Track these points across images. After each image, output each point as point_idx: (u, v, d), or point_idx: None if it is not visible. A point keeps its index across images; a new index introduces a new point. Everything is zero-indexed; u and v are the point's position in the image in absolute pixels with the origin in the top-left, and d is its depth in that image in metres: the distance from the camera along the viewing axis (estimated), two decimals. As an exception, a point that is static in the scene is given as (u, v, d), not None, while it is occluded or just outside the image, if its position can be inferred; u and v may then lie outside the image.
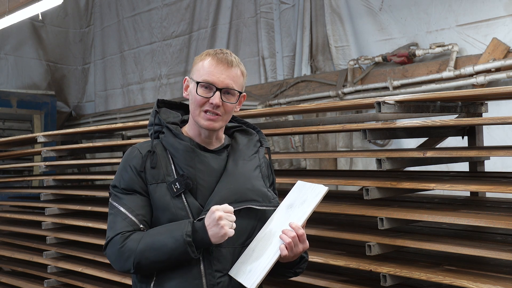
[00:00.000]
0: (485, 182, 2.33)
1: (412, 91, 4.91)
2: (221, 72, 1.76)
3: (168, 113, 1.92)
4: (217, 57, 1.78)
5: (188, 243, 1.64)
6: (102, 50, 9.29)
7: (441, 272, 2.17)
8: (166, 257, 1.67)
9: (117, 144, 3.96)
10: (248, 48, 6.88)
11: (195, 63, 1.83)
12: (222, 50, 1.81)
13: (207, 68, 1.77)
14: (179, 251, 1.65)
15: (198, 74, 1.79)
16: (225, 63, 1.77)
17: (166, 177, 1.76)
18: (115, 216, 1.76)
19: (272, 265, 1.66)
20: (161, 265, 1.70)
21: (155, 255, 1.67)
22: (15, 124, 8.30)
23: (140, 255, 1.67)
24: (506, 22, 4.56)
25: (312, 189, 1.73)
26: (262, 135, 1.97)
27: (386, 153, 2.40)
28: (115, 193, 1.81)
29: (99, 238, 3.61)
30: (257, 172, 1.85)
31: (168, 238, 1.67)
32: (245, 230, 1.78)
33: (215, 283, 1.73)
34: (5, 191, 5.37)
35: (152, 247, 1.67)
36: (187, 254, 1.66)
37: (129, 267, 1.70)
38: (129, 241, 1.70)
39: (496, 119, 2.03)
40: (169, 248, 1.66)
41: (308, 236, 1.75)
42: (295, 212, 1.71)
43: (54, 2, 4.61)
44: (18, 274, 4.58)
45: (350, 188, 4.12)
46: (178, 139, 1.81)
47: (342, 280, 2.48)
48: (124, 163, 1.83)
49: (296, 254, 1.70)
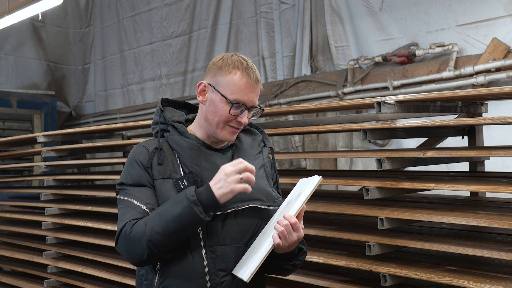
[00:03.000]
0: (485, 182, 2.33)
1: (412, 91, 4.91)
2: (252, 91, 1.77)
3: (172, 112, 1.92)
4: (247, 73, 1.76)
5: (194, 201, 1.61)
6: (102, 50, 9.29)
7: (441, 272, 2.17)
8: (175, 225, 1.63)
9: (117, 144, 3.96)
10: (248, 48, 6.88)
11: (221, 73, 1.77)
12: (247, 62, 1.79)
13: (239, 85, 1.75)
14: (186, 214, 1.62)
15: (229, 91, 1.75)
16: (255, 81, 1.77)
17: (173, 173, 1.76)
18: (124, 209, 1.75)
19: (266, 254, 1.65)
20: (174, 238, 1.65)
21: (164, 227, 1.63)
22: (15, 124, 8.30)
23: (149, 232, 1.64)
24: (506, 22, 4.56)
25: (308, 181, 1.75)
26: (265, 135, 1.97)
27: (386, 153, 2.40)
28: (122, 189, 1.80)
29: (99, 238, 3.62)
30: (261, 172, 1.86)
31: (172, 206, 1.65)
32: (249, 230, 1.78)
33: (219, 282, 1.73)
34: (5, 191, 5.38)
35: (160, 220, 1.64)
36: (196, 216, 1.62)
37: (142, 252, 1.65)
38: (136, 226, 1.67)
39: (496, 119, 2.03)
40: (176, 215, 1.63)
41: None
42: (292, 205, 1.72)
43: (54, 2, 4.61)
44: (18, 274, 4.58)
45: (350, 188, 4.12)
46: (184, 137, 1.82)
47: (342, 280, 2.48)
48: (130, 159, 1.82)
49: (291, 243, 1.69)
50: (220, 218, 1.75)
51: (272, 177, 1.91)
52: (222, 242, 1.73)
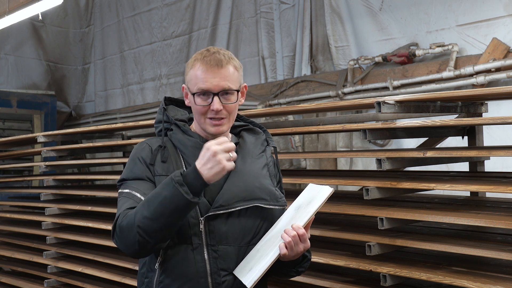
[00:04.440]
0: (485, 182, 2.33)
1: (412, 91, 4.91)
2: (214, 76, 1.73)
3: (175, 111, 1.93)
4: (205, 60, 1.74)
5: (178, 181, 1.56)
6: (102, 50, 9.29)
7: (441, 272, 2.17)
8: (162, 208, 1.58)
9: (117, 144, 3.96)
10: (248, 48, 6.88)
11: (186, 72, 1.81)
12: (209, 50, 1.77)
13: (199, 75, 1.74)
14: (172, 195, 1.57)
15: (192, 84, 1.77)
16: (214, 66, 1.73)
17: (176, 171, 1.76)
18: (121, 200, 1.74)
19: (271, 263, 1.66)
20: (163, 222, 1.59)
21: (152, 211, 1.59)
22: (15, 124, 8.30)
23: (138, 218, 1.61)
24: (506, 22, 4.56)
25: (319, 190, 1.73)
26: (268, 134, 1.96)
27: (386, 153, 2.40)
28: (123, 183, 1.79)
29: (99, 238, 3.61)
30: (265, 171, 1.85)
31: (159, 190, 1.61)
32: (251, 229, 1.78)
33: (220, 282, 1.73)
34: (5, 191, 5.38)
35: (148, 205, 1.61)
36: (181, 197, 1.56)
37: (133, 240, 1.62)
38: (128, 215, 1.65)
39: (496, 119, 2.03)
40: (162, 197, 1.58)
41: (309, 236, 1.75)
42: (301, 213, 1.71)
43: (54, 2, 4.61)
44: (18, 274, 4.58)
45: (350, 188, 4.12)
46: (187, 136, 1.81)
47: (342, 280, 2.48)
48: (132, 156, 1.82)
49: (297, 253, 1.69)
50: (222, 217, 1.74)
51: (275, 176, 1.91)
52: (224, 242, 1.73)
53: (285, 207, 1.84)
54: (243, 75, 1.85)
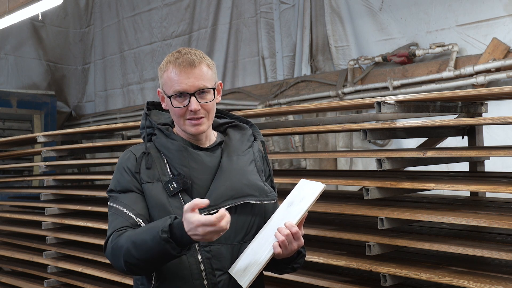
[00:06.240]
0: (485, 182, 2.33)
1: (412, 91, 4.91)
2: (188, 77, 1.73)
3: (159, 115, 1.92)
4: (178, 62, 1.74)
5: (164, 239, 1.55)
6: (102, 50, 9.29)
7: (441, 272, 2.17)
8: (148, 255, 1.60)
9: (117, 144, 3.96)
10: (248, 48, 6.88)
11: (160, 75, 1.81)
12: (180, 51, 1.78)
13: (173, 77, 1.74)
14: (158, 248, 1.57)
15: (167, 87, 1.77)
16: (187, 66, 1.73)
17: (162, 176, 1.76)
18: (112, 216, 1.76)
19: (265, 263, 1.66)
20: (148, 264, 1.63)
21: (138, 253, 1.61)
22: (15, 124, 8.30)
23: (126, 253, 1.63)
24: (506, 22, 4.56)
25: (311, 187, 1.73)
26: (255, 129, 1.95)
27: (386, 153, 2.40)
28: (112, 196, 1.81)
29: (99, 238, 3.61)
30: (252, 167, 1.84)
31: (147, 235, 1.60)
32: (243, 227, 1.78)
33: (216, 282, 1.73)
34: (5, 191, 5.38)
35: (135, 245, 1.62)
36: (167, 252, 1.56)
37: (122, 267, 1.67)
38: (121, 238, 1.66)
39: (496, 119, 2.03)
40: (148, 246, 1.58)
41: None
42: (293, 210, 1.71)
43: (54, 2, 4.61)
44: (18, 274, 4.58)
45: (350, 188, 4.12)
46: (170, 140, 1.81)
47: (342, 280, 2.48)
48: (118, 166, 1.83)
49: (291, 251, 1.69)
50: None
51: (264, 171, 1.89)
52: (216, 242, 1.69)
53: (275, 201, 1.84)
54: (216, 72, 1.85)
